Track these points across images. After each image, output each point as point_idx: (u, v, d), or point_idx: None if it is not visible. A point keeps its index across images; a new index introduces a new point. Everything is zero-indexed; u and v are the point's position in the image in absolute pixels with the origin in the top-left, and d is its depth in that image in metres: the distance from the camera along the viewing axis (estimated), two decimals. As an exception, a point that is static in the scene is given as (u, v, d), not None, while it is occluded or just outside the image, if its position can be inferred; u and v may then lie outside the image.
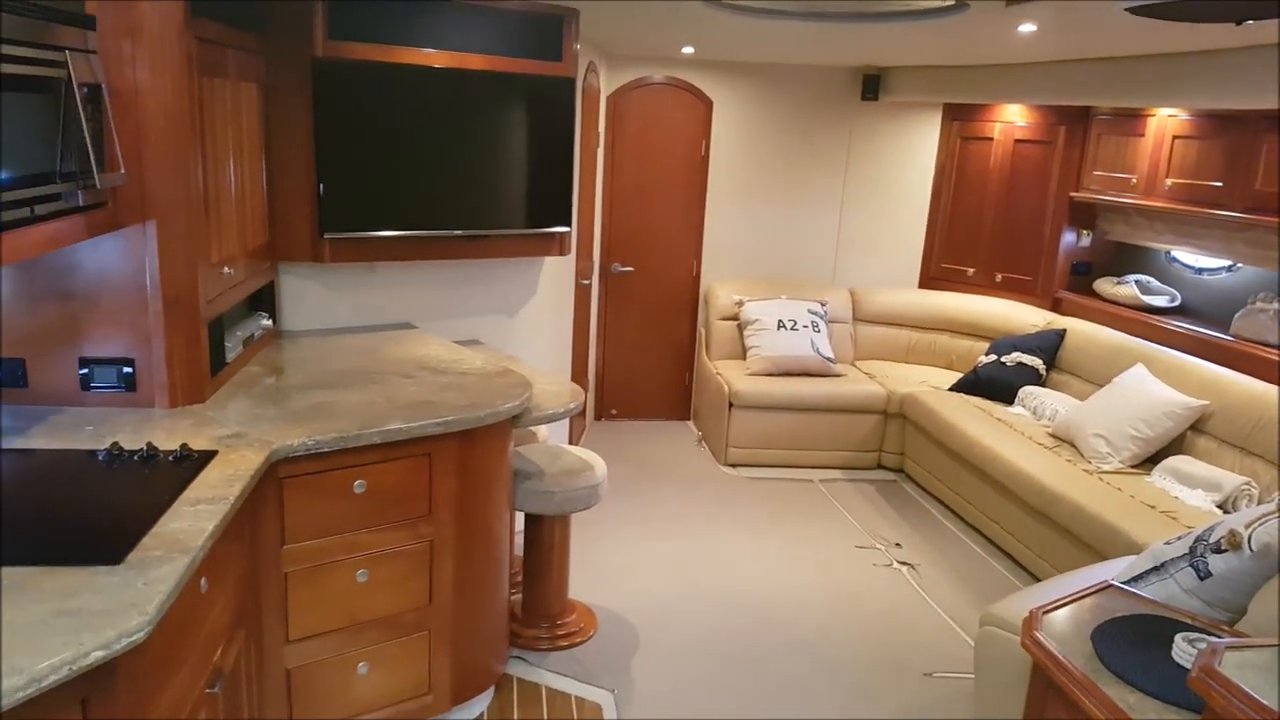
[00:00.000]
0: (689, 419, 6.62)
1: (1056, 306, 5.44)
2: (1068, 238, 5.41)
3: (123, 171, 2.46)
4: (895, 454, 5.44)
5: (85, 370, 2.76)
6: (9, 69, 1.89)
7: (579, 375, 5.74)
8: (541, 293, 4.62)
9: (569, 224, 4.22)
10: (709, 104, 6.31)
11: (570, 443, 5.37)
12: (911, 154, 6.19)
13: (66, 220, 2.18)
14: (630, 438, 6.13)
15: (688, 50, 5.58)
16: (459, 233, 3.91)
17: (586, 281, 5.83)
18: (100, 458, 2.35)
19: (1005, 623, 2.58)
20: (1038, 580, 3.97)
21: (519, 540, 3.88)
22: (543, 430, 4.22)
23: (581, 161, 5.01)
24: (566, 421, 5.26)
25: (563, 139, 4.08)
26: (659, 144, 6.33)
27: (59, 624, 1.62)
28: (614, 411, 6.56)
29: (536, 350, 4.67)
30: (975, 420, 4.66)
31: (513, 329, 4.53)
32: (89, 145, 2.20)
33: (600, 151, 6.07)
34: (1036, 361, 4.88)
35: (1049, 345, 4.94)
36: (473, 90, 3.76)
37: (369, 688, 2.93)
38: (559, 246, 4.26)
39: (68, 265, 2.66)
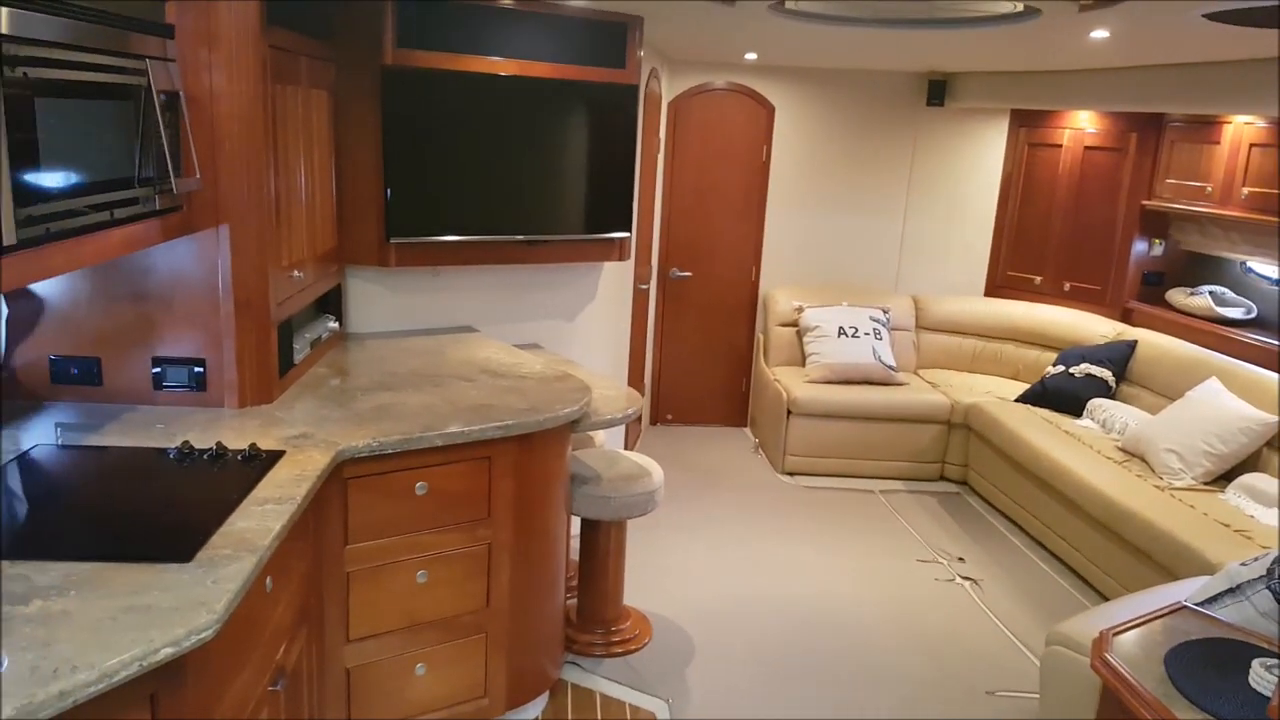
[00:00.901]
0: (746, 425, 6.58)
1: (1127, 317, 5.29)
2: (1139, 247, 5.26)
3: (198, 176, 2.52)
4: (959, 465, 5.34)
5: (158, 370, 2.83)
6: (92, 77, 1.94)
7: (636, 380, 5.74)
8: (600, 297, 4.63)
9: (629, 230, 4.22)
10: (771, 109, 6.27)
11: (625, 447, 5.38)
12: (977, 160, 6.07)
13: (144, 224, 2.24)
14: (686, 443, 6.11)
15: (750, 56, 5.55)
16: (520, 238, 3.94)
17: (645, 286, 5.83)
18: (171, 456, 2.41)
19: (1073, 642, 2.51)
20: (1105, 599, 3.85)
21: (574, 545, 3.89)
22: (599, 434, 4.23)
23: (642, 167, 5.01)
24: (622, 425, 5.26)
25: (624, 145, 4.08)
26: (719, 149, 6.31)
27: (129, 620, 1.65)
28: (669, 416, 6.54)
29: (594, 354, 4.68)
30: (1042, 432, 4.55)
31: (571, 333, 4.55)
32: (166, 151, 2.26)
33: (660, 157, 6.07)
34: (1106, 373, 4.74)
35: (1119, 357, 4.81)
36: (537, 97, 3.78)
37: (426, 689, 2.95)
38: (618, 252, 4.26)
39: (143, 267, 2.73)
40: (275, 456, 2.44)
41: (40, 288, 2.75)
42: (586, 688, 3.53)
